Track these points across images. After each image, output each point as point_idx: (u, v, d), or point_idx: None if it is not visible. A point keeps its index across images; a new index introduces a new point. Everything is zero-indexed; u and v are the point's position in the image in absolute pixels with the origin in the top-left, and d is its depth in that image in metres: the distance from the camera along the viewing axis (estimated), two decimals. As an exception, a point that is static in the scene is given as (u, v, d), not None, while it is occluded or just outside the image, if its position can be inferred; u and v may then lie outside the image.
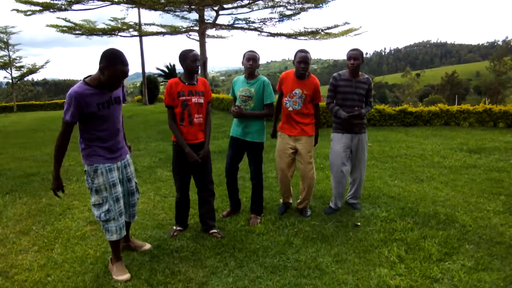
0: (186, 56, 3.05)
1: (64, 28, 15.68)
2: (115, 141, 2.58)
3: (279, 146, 3.68)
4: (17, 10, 14.23)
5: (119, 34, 16.82)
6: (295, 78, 3.52)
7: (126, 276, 2.60)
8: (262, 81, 3.44)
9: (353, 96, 3.56)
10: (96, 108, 2.38)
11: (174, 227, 3.36)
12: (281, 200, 3.91)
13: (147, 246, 3.05)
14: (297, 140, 3.58)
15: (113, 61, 2.31)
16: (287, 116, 3.59)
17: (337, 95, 3.65)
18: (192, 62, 3.05)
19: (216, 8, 14.56)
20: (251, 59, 3.39)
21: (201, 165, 3.20)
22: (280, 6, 14.69)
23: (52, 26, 15.62)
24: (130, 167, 2.76)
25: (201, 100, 3.13)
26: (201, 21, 14.92)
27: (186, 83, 3.10)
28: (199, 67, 3.11)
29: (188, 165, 3.18)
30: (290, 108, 3.54)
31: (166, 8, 14.45)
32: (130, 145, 2.95)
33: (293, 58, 3.53)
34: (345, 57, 3.62)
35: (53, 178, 2.47)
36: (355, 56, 3.48)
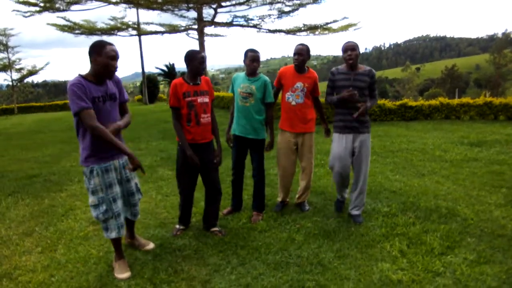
0: (193, 57, 3.03)
1: (65, 28, 15.70)
2: None
3: (281, 143, 3.66)
4: (17, 11, 14.24)
5: (118, 33, 16.84)
6: (295, 72, 3.55)
7: (126, 274, 2.62)
8: (264, 80, 3.46)
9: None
10: (91, 101, 2.37)
11: (177, 226, 3.38)
12: (278, 199, 3.86)
13: (151, 245, 3.06)
14: (300, 137, 3.60)
15: (101, 45, 2.39)
16: (290, 112, 3.58)
17: (335, 90, 3.45)
18: (200, 64, 3.03)
19: (214, 6, 14.53)
20: (254, 61, 3.40)
21: (211, 164, 3.21)
22: (278, 2, 14.66)
23: (52, 25, 15.64)
24: None
25: (206, 100, 3.13)
26: (199, 19, 14.90)
27: (191, 84, 3.08)
28: (205, 69, 3.10)
29: (196, 165, 3.15)
30: (293, 103, 3.54)
31: (164, 7, 14.43)
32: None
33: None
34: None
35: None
36: (352, 47, 3.27)
